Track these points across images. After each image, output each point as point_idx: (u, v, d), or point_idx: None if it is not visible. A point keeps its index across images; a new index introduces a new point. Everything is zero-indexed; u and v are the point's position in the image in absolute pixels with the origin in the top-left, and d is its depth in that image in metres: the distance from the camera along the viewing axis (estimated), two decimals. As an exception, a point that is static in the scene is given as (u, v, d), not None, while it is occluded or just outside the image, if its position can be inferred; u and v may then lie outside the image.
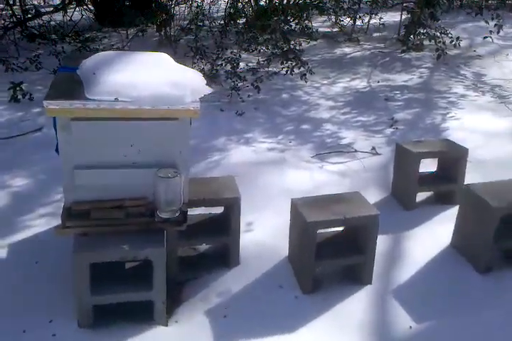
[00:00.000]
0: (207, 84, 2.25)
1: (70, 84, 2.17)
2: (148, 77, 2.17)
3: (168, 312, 2.22)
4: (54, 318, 2.15)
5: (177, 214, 2.17)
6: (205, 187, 2.55)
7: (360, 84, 5.66)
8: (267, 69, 5.55)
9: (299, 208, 2.39)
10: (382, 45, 7.06)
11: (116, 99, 2.03)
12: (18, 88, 4.55)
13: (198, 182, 2.56)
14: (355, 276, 2.48)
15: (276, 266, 2.55)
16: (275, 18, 5.86)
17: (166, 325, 2.18)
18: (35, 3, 7.46)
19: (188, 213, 2.25)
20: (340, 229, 2.59)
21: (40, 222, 2.88)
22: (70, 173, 2.11)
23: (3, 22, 6.08)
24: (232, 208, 2.48)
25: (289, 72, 5.11)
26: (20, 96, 4.54)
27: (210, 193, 2.50)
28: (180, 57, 4.90)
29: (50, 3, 7.64)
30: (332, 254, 2.42)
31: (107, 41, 6.54)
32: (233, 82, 4.84)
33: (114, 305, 2.15)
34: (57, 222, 2.85)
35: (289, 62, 5.18)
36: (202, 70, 4.99)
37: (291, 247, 2.57)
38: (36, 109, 4.41)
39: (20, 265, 2.48)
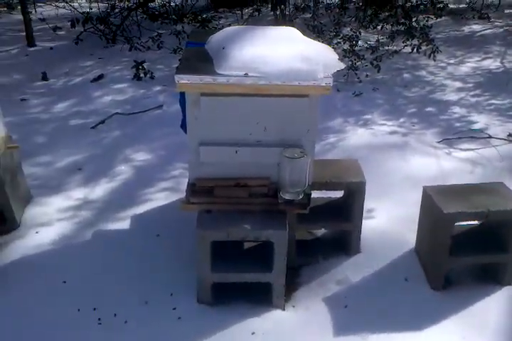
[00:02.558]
0: (339, 59, 2.10)
1: (199, 59, 2.13)
2: (279, 51, 2.06)
3: (285, 295, 2.15)
4: (174, 292, 2.17)
5: (301, 197, 2.07)
6: (327, 170, 2.42)
7: (492, 64, 5.13)
8: (386, 47, 5.23)
9: (434, 197, 2.17)
10: (517, 22, 6.35)
11: (246, 74, 1.96)
12: (140, 67, 4.73)
13: (318, 164, 2.43)
14: (493, 276, 2.22)
15: (400, 258, 2.36)
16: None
17: (283, 309, 2.11)
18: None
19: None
20: (476, 222, 2.33)
21: (161, 196, 2.95)
22: (196, 149, 2.09)
23: (127, 3, 6.34)
24: (356, 193, 2.32)
25: (415, 49, 4.75)
26: (142, 75, 4.71)
27: (332, 176, 2.37)
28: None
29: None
30: (469, 250, 2.17)
31: (223, 21, 6.58)
32: (351, 60, 4.61)
33: (231, 284, 2.13)
34: (176, 196, 2.94)
35: (416, 39, 4.80)
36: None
37: (420, 239, 2.36)
38: (157, 87, 4.55)
39: (142, 237, 2.55)
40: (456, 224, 2.10)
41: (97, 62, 5.19)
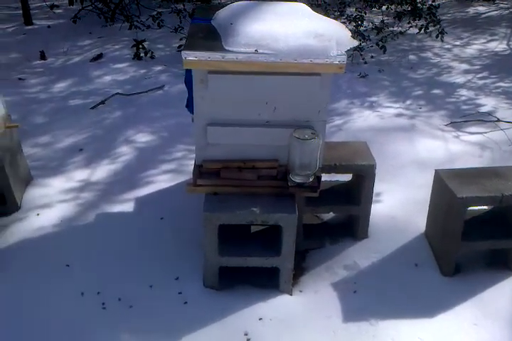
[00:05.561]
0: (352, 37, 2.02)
1: (206, 36, 2.05)
2: (289, 27, 1.98)
3: (292, 280, 2.11)
4: (180, 275, 2.13)
5: (311, 179, 2.01)
6: (335, 153, 2.35)
7: (498, 46, 5.03)
8: (391, 28, 5.11)
9: (446, 181, 2.11)
10: (524, 4, 6.22)
11: (256, 51, 1.88)
12: (140, 46, 4.61)
13: (326, 147, 2.36)
14: (504, 261, 2.18)
15: (410, 243, 2.32)
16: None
17: (291, 294, 2.08)
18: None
19: (321, 179, 2.08)
20: (486, 207, 2.28)
21: (163, 178, 2.88)
22: (203, 130, 2.01)
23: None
24: (366, 176, 2.27)
25: (422, 30, 4.64)
26: (142, 54, 4.60)
27: (341, 159, 2.31)
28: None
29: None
30: (481, 236, 2.13)
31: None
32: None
33: (237, 268, 2.08)
34: (179, 179, 2.88)
35: (422, 20, 4.69)
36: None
37: (430, 223, 2.31)
38: (158, 67, 4.44)
39: (146, 220, 2.50)
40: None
41: (96, 41, 5.06)
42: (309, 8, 2.22)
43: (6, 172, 2.46)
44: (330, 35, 1.94)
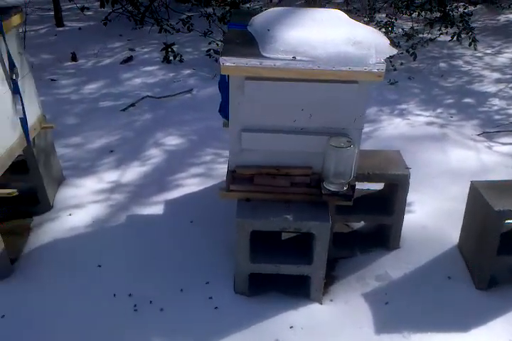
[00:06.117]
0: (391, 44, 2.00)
1: (243, 42, 2.05)
2: (327, 34, 1.97)
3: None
4: (210, 280, 2.13)
5: (345, 188, 1.99)
6: (368, 161, 2.32)
7: (531, 55, 4.94)
8: (421, 35, 5.06)
9: (482, 193, 2.07)
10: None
11: (293, 58, 1.87)
12: (169, 49, 4.65)
13: (359, 155, 2.34)
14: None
15: (442, 254, 2.28)
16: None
17: (321, 303, 2.06)
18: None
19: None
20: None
21: (192, 182, 2.89)
22: (238, 136, 2.01)
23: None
24: (400, 186, 2.24)
25: (454, 38, 4.58)
26: (171, 58, 4.64)
27: (374, 168, 2.28)
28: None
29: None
30: (517, 249, 2.08)
31: (252, 4, 6.44)
32: (386, 48, 4.45)
33: (267, 274, 2.07)
34: (208, 183, 2.88)
35: (455, 27, 4.63)
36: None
37: (464, 235, 2.27)
38: (186, 71, 4.47)
39: (175, 223, 2.51)
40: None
41: (126, 44, 5.12)
42: (346, 15, 2.21)
43: (40, 173, 2.50)
44: (369, 43, 1.92)
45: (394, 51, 1.98)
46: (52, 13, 5.73)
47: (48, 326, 1.94)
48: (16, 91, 2.25)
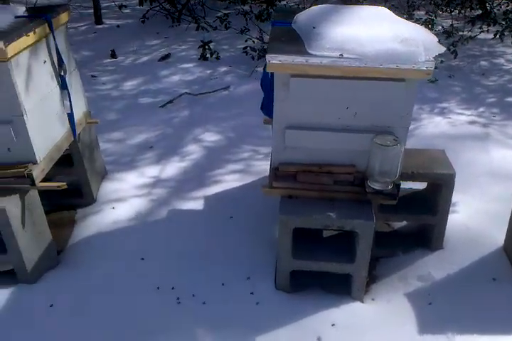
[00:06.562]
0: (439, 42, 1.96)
1: (289, 39, 2.05)
2: (374, 31, 1.95)
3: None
4: (251, 275, 2.15)
5: (390, 187, 1.97)
6: (412, 160, 2.29)
7: None
8: (461, 33, 4.95)
9: (532, 194, 2.02)
10: None
11: (341, 56, 1.86)
12: (206, 47, 4.68)
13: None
14: None
15: (487, 256, 2.24)
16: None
17: (363, 302, 2.05)
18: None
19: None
20: None
21: (231, 178, 2.91)
22: (282, 133, 2.02)
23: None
24: (444, 185, 2.20)
25: (497, 36, 4.47)
26: (208, 55, 4.67)
27: (418, 167, 2.25)
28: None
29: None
30: None
31: (287, 2, 6.42)
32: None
33: (308, 271, 2.07)
34: (246, 179, 2.90)
35: (497, 25, 4.52)
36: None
37: (510, 237, 2.22)
38: (223, 68, 4.50)
39: (216, 218, 2.53)
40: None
41: (164, 41, 5.19)
42: (392, 13, 2.18)
43: (85, 167, 2.56)
44: (417, 40, 1.89)
45: (442, 49, 1.94)
46: (92, 10, 5.86)
47: (93, 316, 1.99)
48: (64, 87, 2.31)
